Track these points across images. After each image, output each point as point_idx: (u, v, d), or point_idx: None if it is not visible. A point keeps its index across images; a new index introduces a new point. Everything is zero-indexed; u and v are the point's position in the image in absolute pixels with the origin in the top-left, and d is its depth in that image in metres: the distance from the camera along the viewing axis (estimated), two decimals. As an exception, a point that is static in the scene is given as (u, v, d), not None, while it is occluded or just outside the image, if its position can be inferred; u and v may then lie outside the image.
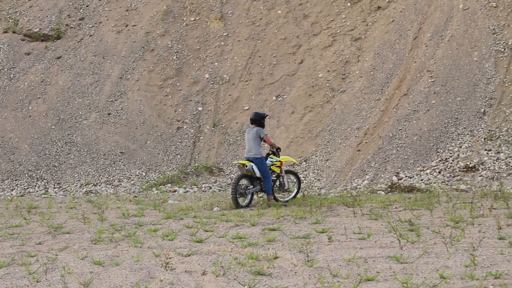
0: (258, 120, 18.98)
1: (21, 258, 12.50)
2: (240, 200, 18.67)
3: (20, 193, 24.99)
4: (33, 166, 26.58)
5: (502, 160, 22.09)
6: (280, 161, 19.00)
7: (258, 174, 18.50)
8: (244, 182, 18.90)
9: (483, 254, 11.73)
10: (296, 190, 19.25)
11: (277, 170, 19.11)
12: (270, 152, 19.06)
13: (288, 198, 18.99)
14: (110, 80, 29.42)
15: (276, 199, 18.62)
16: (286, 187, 19.15)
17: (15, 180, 25.92)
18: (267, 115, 19.74)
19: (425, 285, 9.68)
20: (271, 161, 18.97)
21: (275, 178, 19.09)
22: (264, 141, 18.91)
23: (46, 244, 13.88)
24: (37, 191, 25.21)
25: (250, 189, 18.79)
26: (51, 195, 24.38)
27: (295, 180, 19.56)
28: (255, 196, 19.31)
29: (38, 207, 20.17)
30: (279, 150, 19.14)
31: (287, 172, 19.45)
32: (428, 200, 17.86)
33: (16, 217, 17.78)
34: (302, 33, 29.48)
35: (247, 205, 18.70)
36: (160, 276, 10.88)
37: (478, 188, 20.16)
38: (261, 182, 18.67)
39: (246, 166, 18.59)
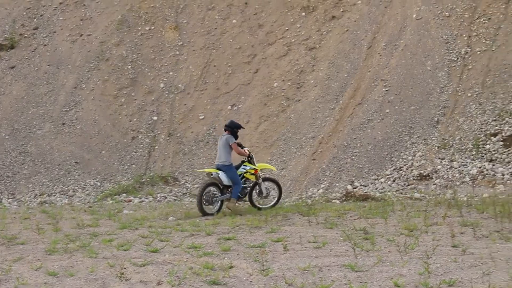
0: (231, 128, 19.09)
1: None
2: (209, 208, 18.62)
3: None
4: None
5: (456, 168, 22.27)
6: (255, 168, 18.95)
7: (226, 182, 18.56)
8: (211, 189, 18.77)
9: (437, 262, 11.86)
10: (277, 198, 19.30)
11: (252, 177, 19.09)
12: (245, 160, 19.07)
13: (269, 205, 19.04)
14: (65, 90, 29.29)
15: (257, 207, 18.88)
16: (264, 194, 19.11)
17: None
18: (243, 127, 19.88)
19: None
20: (244, 169, 18.99)
21: (251, 186, 19.12)
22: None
23: (0, 255, 13.61)
24: None
25: (218, 196, 18.62)
26: (5, 206, 24.10)
27: (275, 187, 19.55)
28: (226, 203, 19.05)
29: None
30: (250, 158, 19.08)
31: (267, 179, 19.49)
32: (382, 209, 17.96)
33: None
34: (257, 42, 29.56)
35: (217, 213, 18.63)
36: (115, 286, 10.86)
37: (432, 196, 20.32)
38: (231, 189, 18.50)
39: (212, 174, 18.80)
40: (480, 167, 22.37)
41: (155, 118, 28.32)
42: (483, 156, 22.80)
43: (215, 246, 13.83)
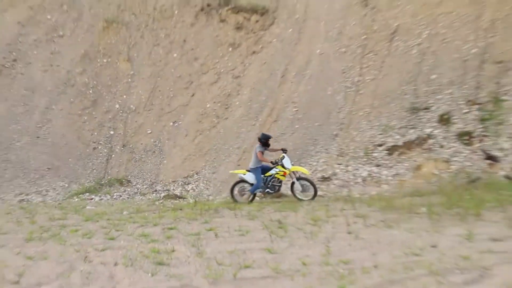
0: (260, 139, 19.50)
1: None
2: (241, 198, 19.71)
3: None
4: None
5: (350, 172, 22.40)
6: (283, 170, 19.35)
7: (251, 180, 19.35)
8: (242, 185, 19.76)
9: (336, 245, 12.07)
10: (313, 193, 19.19)
11: (282, 178, 19.53)
12: (279, 163, 19.45)
13: (308, 198, 19.08)
14: (38, 110, 28.87)
15: (299, 199, 19.18)
16: (301, 190, 19.27)
17: None
18: (271, 137, 19.87)
19: (290, 270, 9.88)
20: (275, 171, 19.46)
21: (289, 183, 19.75)
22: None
23: None
24: None
25: (248, 190, 19.62)
26: None
27: (309, 184, 19.48)
28: (261, 194, 20.20)
29: None
30: (281, 160, 19.43)
31: (302, 179, 19.48)
32: (293, 204, 18.04)
33: None
34: (194, 72, 29.47)
35: (250, 201, 19.46)
36: (80, 267, 10.90)
37: (332, 194, 20.44)
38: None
39: (239, 176, 19.79)
40: (369, 171, 22.56)
41: (112, 132, 28.05)
42: (371, 162, 22.97)
43: (160, 234, 13.80)
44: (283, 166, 19.43)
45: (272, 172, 19.52)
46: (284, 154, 19.70)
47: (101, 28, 32.00)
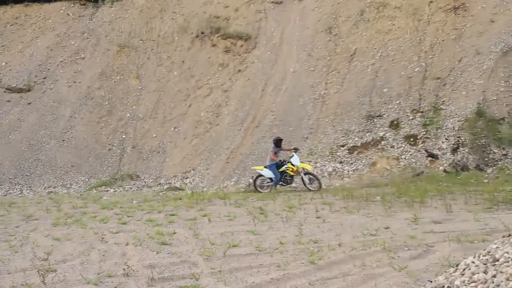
0: (274, 141, 20.37)
1: (4, 237, 12.50)
2: (264, 188, 19.81)
3: (3, 194, 24.26)
4: (12, 175, 25.85)
5: (318, 167, 22.35)
6: (292, 167, 19.59)
7: (268, 175, 19.68)
8: (262, 178, 19.98)
9: (307, 228, 12.08)
10: (319, 185, 19.38)
11: (292, 173, 19.80)
12: (288, 161, 19.73)
13: (315, 189, 19.07)
14: (64, 118, 28.79)
15: (309, 189, 19.27)
16: (308, 182, 19.42)
17: (0, 185, 25.17)
18: (281, 139, 20.67)
19: (270, 248, 9.86)
20: (286, 168, 19.67)
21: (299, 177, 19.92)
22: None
23: (22, 227, 13.78)
24: (15, 193, 24.49)
25: (266, 182, 19.89)
26: (25, 195, 23.77)
27: (313, 177, 19.69)
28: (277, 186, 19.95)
29: (16, 203, 19.65)
30: (283, 161, 19.81)
31: (308, 173, 19.67)
32: (272, 195, 18.23)
33: (1, 210, 17.31)
34: (190, 87, 29.39)
35: (269, 191, 19.44)
36: (98, 247, 11.02)
37: (304, 186, 20.51)
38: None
39: (257, 171, 20.24)
40: (333, 167, 22.52)
41: (123, 136, 27.91)
42: (335, 159, 22.94)
43: (164, 220, 13.91)
44: (292, 164, 19.58)
45: (284, 168, 19.65)
46: (293, 153, 19.99)
47: (115, 51, 31.90)
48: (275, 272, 8.35)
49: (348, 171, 22.16)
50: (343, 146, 23.56)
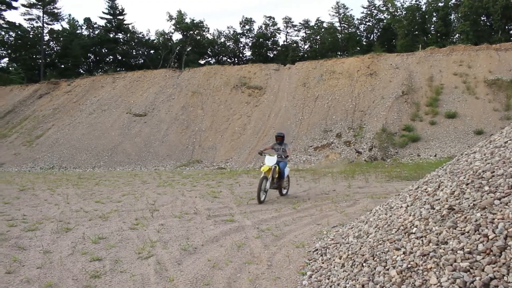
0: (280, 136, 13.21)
1: (132, 192, 12.33)
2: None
3: (132, 169, 23.68)
4: (136, 160, 25.40)
5: (299, 157, 22.28)
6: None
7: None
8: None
9: (291, 190, 11.63)
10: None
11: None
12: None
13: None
14: (163, 131, 28.53)
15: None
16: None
17: (130, 165, 25.00)
18: (282, 134, 13.42)
19: (271, 200, 9.69)
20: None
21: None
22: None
23: (140, 187, 13.49)
24: (137, 169, 23.86)
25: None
26: (142, 171, 23.14)
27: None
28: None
29: (137, 174, 19.30)
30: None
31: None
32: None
33: (130, 178, 17.09)
34: (229, 114, 29.16)
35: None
36: (180, 198, 10.93)
37: (290, 168, 20.30)
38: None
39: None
40: (306, 157, 22.50)
41: (194, 140, 27.51)
42: (307, 153, 22.85)
43: (215, 184, 13.76)
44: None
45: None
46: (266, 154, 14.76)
47: (190, 95, 31.89)
48: (274, 213, 8.40)
49: (314, 160, 22.16)
50: (311, 146, 23.58)
